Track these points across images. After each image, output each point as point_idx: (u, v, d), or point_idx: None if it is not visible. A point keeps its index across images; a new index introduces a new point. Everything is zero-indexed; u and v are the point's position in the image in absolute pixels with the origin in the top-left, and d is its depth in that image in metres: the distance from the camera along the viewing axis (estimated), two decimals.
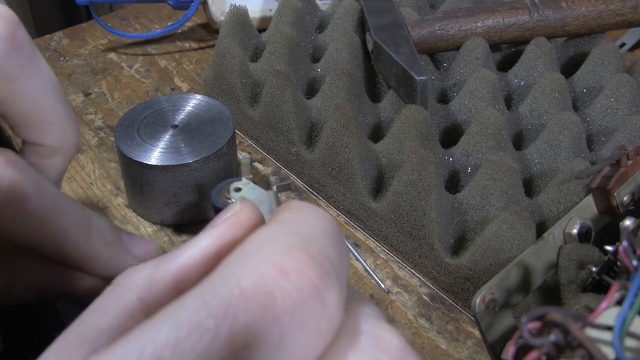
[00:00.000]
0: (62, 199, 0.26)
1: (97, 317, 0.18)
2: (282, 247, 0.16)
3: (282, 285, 0.15)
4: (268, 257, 0.16)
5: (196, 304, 0.15)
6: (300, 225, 0.18)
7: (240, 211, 0.20)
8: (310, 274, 0.15)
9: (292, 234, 0.17)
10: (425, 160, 0.36)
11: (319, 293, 0.15)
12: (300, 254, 0.16)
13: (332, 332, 0.16)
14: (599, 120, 0.46)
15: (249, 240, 0.17)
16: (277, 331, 0.15)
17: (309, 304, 0.15)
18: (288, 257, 0.15)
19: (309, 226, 0.18)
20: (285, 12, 0.51)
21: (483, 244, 0.34)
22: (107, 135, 0.48)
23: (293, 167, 0.45)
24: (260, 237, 0.17)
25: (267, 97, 0.44)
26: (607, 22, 0.50)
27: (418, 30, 0.48)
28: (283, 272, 0.15)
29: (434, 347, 0.35)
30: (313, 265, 0.16)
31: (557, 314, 0.21)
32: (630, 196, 0.35)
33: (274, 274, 0.15)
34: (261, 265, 0.15)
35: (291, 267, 0.15)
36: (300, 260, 0.16)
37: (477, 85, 0.45)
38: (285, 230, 0.17)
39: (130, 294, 0.18)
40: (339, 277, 0.17)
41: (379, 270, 0.39)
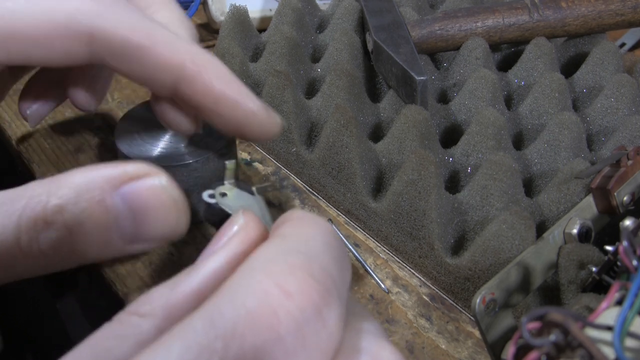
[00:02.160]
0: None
1: (113, 344, 0.18)
2: (284, 267, 0.16)
3: (286, 305, 0.15)
4: (272, 277, 0.16)
5: (204, 325, 0.15)
6: (301, 241, 0.18)
7: (247, 225, 0.20)
8: (313, 294, 0.16)
9: (294, 252, 0.17)
10: (425, 160, 0.36)
11: (320, 312, 0.16)
12: (303, 274, 0.16)
13: (333, 349, 0.17)
14: (599, 120, 0.46)
15: (252, 258, 0.17)
16: (281, 351, 0.15)
17: (311, 324, 0.16)
18: (291, 278, 0.16)
19: (311, 241, 0.18)
20: (285, 12, 0.51)
21: (483, 244, 0.34)
22: (107, 135, 0.48)
23: (293, 167, 0.45)
24: (264, 256, 0.17)
25: (267, 97, 0.44)
26: (607, 22, 0.50)
27: (418, 30, 0.48)
28: (286, 293, 0.16)
29: (434, 347, 0.35)
30: (315, 285, 0.16)
31: (557, 314, 0.21)
32: (630, 196, 0.35)
33: (277, 295, 0.15)
34: (265, 286, 0.16)
35: (294, 288, 0.16)
36: (302, 280, 0.16)
37: (477, 85, 0.45)
38: (287, 249, 0.17)
39: (148, 324, 0.18)
40: (339, 294, 0.17)
41: (379, 270, 0.39)
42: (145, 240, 0.23)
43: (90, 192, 0.21)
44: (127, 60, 0.26)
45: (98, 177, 0.22)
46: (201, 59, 0.26)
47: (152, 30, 0.26)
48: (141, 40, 0.25)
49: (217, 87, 0.26)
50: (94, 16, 0.25)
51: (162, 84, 0.26)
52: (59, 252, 0.22)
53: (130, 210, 0.22)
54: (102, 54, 0.26)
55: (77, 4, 0.25)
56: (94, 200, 0.21)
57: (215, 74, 0.26)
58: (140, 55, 0.25)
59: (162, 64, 0.26)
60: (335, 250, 0.19)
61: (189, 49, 0.26)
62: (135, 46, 0.25)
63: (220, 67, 0.27)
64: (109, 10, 0.25)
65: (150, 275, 0.37)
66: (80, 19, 0.25)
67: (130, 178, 0.22)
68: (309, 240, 0.18)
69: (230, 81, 0.27)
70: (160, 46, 0.26)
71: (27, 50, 0.25)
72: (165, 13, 0.30)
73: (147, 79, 0.26)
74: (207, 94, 0.26)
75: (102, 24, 0.25)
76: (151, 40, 0.25)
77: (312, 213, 0.21)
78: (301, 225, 0.19)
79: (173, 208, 0.23)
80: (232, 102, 0.26)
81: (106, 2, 0.26)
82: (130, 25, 0.25)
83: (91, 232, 0.22)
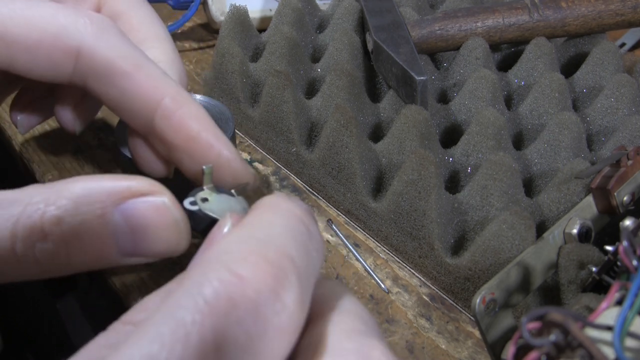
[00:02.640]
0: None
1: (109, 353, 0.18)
2: (237, 254, 0.17)
3: (240, 289, 0.16)
4: (225, 265, 0.17)
5: (165, 320, 0.16)
6: (259, 227, 0.19)
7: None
8: (266, 276, 0.17)
9: (249, 239, 0.18)
10: (425, 160, 0.36)
11: (277, 293, 0.17)
12: (255, 258, 0.17)
13: (297, 329, 0.17)
14: (599, 120, 0.46)
15: (208, 250, 0.18)
16: (243, 332, 0.16)
17: (269, 305, 0.16)
18: (243, 263, 0.17)
19: (269, 227, 0.19)
20: (285, 12, 0.51)
21: (483, 244, 0.34)
22: (106, 135, 0.48)
23: (293, 167, 0.45)
24: (219, 247, 0.18)
25: (267, 97, 0.44)
26: (607, 22, 0.50)
27: (418, 30, 0.48)
28: (239, 277, 0.16)
29: (434, 347, 0.35)
30: (268, 267, 0.17)
31: (557, 314, 0.21)
32: (630, 196, 0.35)
33: (231, 281, 0.16)
34: (219, 274, 0.16)
35: (246, 272, 0.16)
36: (255, 264, 0.17)
37: (477, 85, 0.45)
38: (243, 236, 0.18)
39: None
40: (300, 275, 0.18)
41: (379, 270, 0.39)
42: (142, 255, 0.23)
43: (90, 205, 0.21)
44: (109, 85, 0.26)
45: (100, 190, 0.22)
46: (181, 98, 0.26)
47: (138, 61, 0.26)
48: (125, 67, 0.25)
49: (193, 127, 0.26)
50: (85, 34, 0.25)
51: (139, 115, 0.26)
52: (55, 261, 0.22)
53: (129, 227, 0.22)
54: (85, 74, 0.26)
55: (71, 20, 0.25)
56: (94, 214, 0.21)
57: (194, 114, 0.26)
58: (122, 83, 0.25)
59: (142, 94, 0.25)
60: (299, 233, 0.19)
61: (171, 85, 0.26)
62: (119, 72, 0.25)
63: (199, 109, 0.27)
64: (100, 33, 0.26)
65: (150, 275, 0.37)
66: (71, 33, 0.25)
67: (133, 195, 0.22)
68: (268, 226, 0.19)
69: (207, 124, 0.26)
70: (143, 77, 0.25)
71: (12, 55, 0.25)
72: (157, 51, 0.30)
73: (125, 108, 0.26)
74: (181, 132, 0.26)
75: (91, 43, 0.25)
76: (135, 69, 0.25)
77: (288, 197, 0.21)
78: (264, 211, 0.20)
79: (174, 229, 0.23)
80: (206, 145, 0.26)
81: (100, 25, 0.26)
82: (118, 50, 0.25)
83: (88, 245, 0.22)
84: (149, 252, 0.23)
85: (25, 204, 0.21)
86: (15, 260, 0.21)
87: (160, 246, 0.23)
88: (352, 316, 0.20)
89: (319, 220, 0.42)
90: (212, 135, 0.26)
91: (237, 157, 0.27)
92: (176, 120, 0.26)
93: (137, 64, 0.26)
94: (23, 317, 0.63)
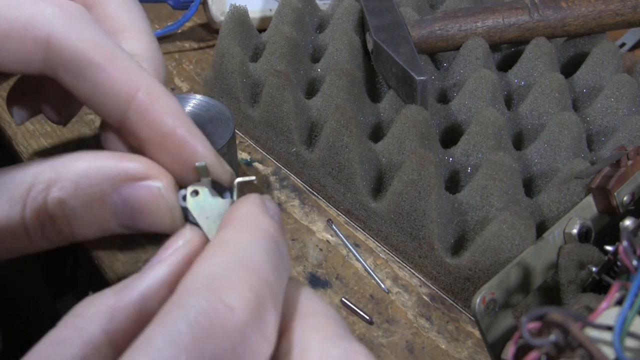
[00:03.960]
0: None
1: (58, 349, 0.18)
2: (227, 282, 0.18)
3: (232, 320, 0.17)
4: (217, 294, 0.18)
5: (165, 342, 0.16)
6: (242, 250, 0.20)
7: (192, 240, 0.22)
8: (252, 308, 0.18)
9: (234, 265, 0.19)
10: (425, 160, 0.36)
11: (259, 322, 0.18)
12: (243, 289, 0.18)
13: (271, 352, 0.19)
14: (599, 120, 0.46)
15: (198, 272, 0.19)
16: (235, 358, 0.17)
17: (254, 333, 0.18)
18: (233, 294, 0.18)
19: (250, 250, 0.20)
20: (285, 12, 0.51)
21: (483, 244, 0.34)
22: None
23: (293, 167, 0.45)
24: (208, 270, 0.19)
25: (267, 97, 0.44)
26: (607, 22, 0.50)
27: (418, 30, 0.48)
28: (230, 308, 0.17)
29: (434, 347, 0.35)
30: (254, 299, 0.18)
31: (557, 314, 0.21)
32: (630, 196, 0.35)
33: (224, 311, 0.17)
34: (213, 303, 0.17)
35: (237, 303, 0.18)
36: (243, 295, 0.18)
37: (477, 85, 0.45)
38: (229, 261, 0.19)
39: (93, 326, 0.19)
40: (275, 300, 0.19)
41: (379, 270, 0.39)
42: (141, 231, 0.24)
43: (90, 188, 0.22)
44: (80, 77, 0.25)
45: (99, 173, 0.23)
46: (156, 92, 0.25)
47: (111, 52, 0.25)
48: (97, 58, 0.24)
49: (167, 123, 0.25)
50: (55, 24, 0.24)
51: (111, 109, 0.25)
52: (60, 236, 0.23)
53: (128, 207, 0.23)
54: (56, 65, 0.25)
55: (39, 8, 0.24)
56: (93, 196, 0.22)
57: (168, 109, 0.25)
58: (93, 75, 0.24)
59: (114, 88, 0.24)
60: (273, 256, 0.20)
61: (146, 78, 0.25)
62: (90, 63, 0.24)
63: (174, 104, 0.25)
64: (71, 22, 0.25)
65: None
66: (40, 23, 0.24)
67: (130, 179, 0.23)
68: (248, 249, 0.20)
69: (182, 120, 0.25)
70: (116, 70, 0.24)
71: None
72: (134, 43, 0.29)
73: (98, 102, 0.25)
74: (155, 128, 0.25)
75: (61, 32, 0.24)
76: (107, 61, 0.24)
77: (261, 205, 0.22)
78: (242, 229, 0.21)
79: (168, 214, 0.24)
80: (181, 141, 0.25)
81: (70, 13, 0.25)
82: (90, 41, 0.24)
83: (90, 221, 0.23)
84: (146, 229, 0.24)
85: (30, 185, 0.22)
86: (26, 237, 0.23)
87: (156, 226, 0.24)
88: (328, 320, 0.20)
89: (318, 221, 0.42)
90: (187, 132, 0.25)
91: (212, 154, 0.26)
92: (150, 115, 0.25)
93: (109, 55, 0.24)
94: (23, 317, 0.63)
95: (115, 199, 0.23)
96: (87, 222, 0.23)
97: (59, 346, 0.18)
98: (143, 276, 0.21)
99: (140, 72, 0.25)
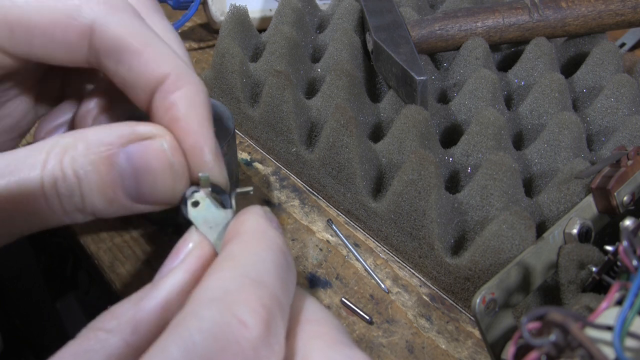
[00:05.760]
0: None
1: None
2: (240, 297, 0.18)
3: (245, 335, 0.18)
4: (230, 309, 0.18)
5: (181, 354, 0.17)
6: (252, 264, 0.20)
7: (202, 244, 0.23)
8: (263, 324, 0.18)
9: (245, 278, 0.19)
10: (425, 160, 0.36)
11: (268, 337, 0.18)
12: (255, 305, 0.18)
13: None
14: (599, 120, 0.46)
15: (211, 284, 0.19)
16: None
17: (264, 347, 0.18)
18: (246, 309, 0.18)
19: (260, 263, 0.20)
20: (285, 12, 0.51)
21: (483, 244, 0.34)
22: None
23: (293, 167, 0.45)
24: (221, 284, 0.19)
25: (267, 97, 0.44)
26: (607, 22, 0.50)
27: (418, 30, 0.48)
28: (243, 324, 0.18)
29: (434, 347, 0.35)
30: (265, 314, 0.18)
31: (557, 314, 0.21)
32: (630, 196, 0.35)
33: (237, 326, 0.18)
34: (226, 318, 0.18)
35: (249, 320, 0.18)
36: (255, 311, 0.18)
37: (477, 85, 0.45)
38: (240, 274, 0.19)
39: (115, 338, 0.19)
40: (283, 314, 0.19)
41: (379, 270, 0.39)
42: (147, 200, 0.24)
43: (100, 147, 0.23)
44: (118, 62, 0.26)
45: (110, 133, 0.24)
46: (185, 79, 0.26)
47: (148, 39, 0.26)
48: (135, 44, 0.26)
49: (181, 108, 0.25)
50: (97, 11, 0.26)
51: (142, 92, 0.26)
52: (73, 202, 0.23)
53: (133, 169, 0.23)
54: (98, 52, 0.26)
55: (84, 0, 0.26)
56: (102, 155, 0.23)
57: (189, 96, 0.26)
58: (130, 59, 0.26)
59: (146, 71, 0.26)
60: (282, 269, 0.20)
61: (178, 66, 0.26)
62: (129, 48, 0.26)
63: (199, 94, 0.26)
64: (112, 10, 0.26)
65: (150, 275, 0.37)
66: (84, 11, 0.26)
67: (138, 137, 0.24)
68: (258, 262, 0.20)
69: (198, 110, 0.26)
70: (151, 55, 0.26)
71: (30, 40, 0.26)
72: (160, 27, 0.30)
73: (130, 84, 0.26)
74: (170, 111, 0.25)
75: (103, 20, 0.26)
76: (144, 47, 0.26)
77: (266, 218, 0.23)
78: (251, 242, 0.21)
79: (168, 171, 0.24)
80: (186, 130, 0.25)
81: (113, 4, 0.26)
82: (129, 28, 0.26)
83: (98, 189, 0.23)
84: (150, 197, 0.24)
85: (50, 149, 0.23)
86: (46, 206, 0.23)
87: (159, 190, 0.24)
88: (329, 326, 0.21)
89: (318, 221, 0.42)
90: (196, 122, 0.25)
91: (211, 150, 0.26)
92: (170, 99, 0.26)
93: (146, 42, 0.26)
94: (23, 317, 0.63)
95: (122, 159, 0.23)
96: (96, 188, 0.23)
97: (81, 357, 0.18)
98: (160, 285, 0.21)
99: (173, 59, 0.26)
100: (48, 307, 0.67)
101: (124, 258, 0.38)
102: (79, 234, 0.40)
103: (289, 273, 0.21)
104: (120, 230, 0.40)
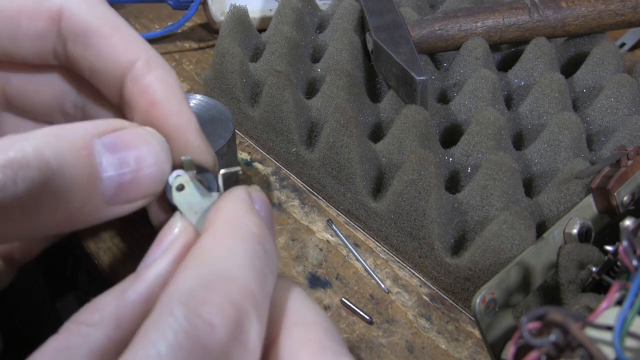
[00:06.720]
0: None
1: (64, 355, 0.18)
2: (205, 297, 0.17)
3: (212, 337, 0.17)
4: (195, 311, 0.17)
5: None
6: (221, 259, 0.19)
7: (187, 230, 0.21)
8: (232, 323, 0.17)
9: (214, 278, 0.18)
10: (425, 160, 0.36)
11: (239, 336, 0.17)
12: (222, 303, 0.17)
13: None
14: (599, 120, 0.46)
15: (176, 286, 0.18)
16: None
17: (235, 347, 0.17)
18: (212, 310, 0.17)
19: (230, 257, 0.19)
20: (285, 12, 0.51)
21: (483, 244, 0.34)
22: None
23: (293, 167, 0.45)
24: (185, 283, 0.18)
25: (267, 97, 0.44)
26: (607, 22, 0.50)
27: (418, 30, 0.48)
28: (210, 325, 0.17)
29: (434, 347, 0.35)
30: (233, 312, 0.17)
31: (557, 314, 0.21)
32: (630, 196, 0.35)
33: (203, 328, 0.17)
34: (192, 321, 0.17)
35: (216, 320, 0.17)
36: (222, 311, 0.17)
37: (477, 85, 0.45)
38: (207, 273, 0.18)
39: (98, 333, 0.19)
40: (258, 310, 0.18)
41: (379, 270, 0.39)
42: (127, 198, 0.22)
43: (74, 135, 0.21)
44: (86, 46, 0.25)
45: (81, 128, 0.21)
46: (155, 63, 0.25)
47: (116, 23, 0.25)
48: (104, 28, 0.25)
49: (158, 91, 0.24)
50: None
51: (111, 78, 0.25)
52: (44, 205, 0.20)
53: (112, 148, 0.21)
54: (66, 37, 0.25)
55: None
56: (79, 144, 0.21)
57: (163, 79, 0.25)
58: (99, 42, 0.25)
59: (115, 55, 0.25)
60: (258, 259, 0.19)
61: (146, 50, 0.26)
62: (97, 32, 0.25)
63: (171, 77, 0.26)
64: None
65: None
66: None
67: (114, 129, 0.22)
68: (227, 257, 0.19)
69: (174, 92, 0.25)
70: (120, 38, 0.25)
71: None
72: None
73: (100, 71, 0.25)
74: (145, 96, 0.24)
75: (73, 4, 0.25)
76: (112, 30, 0.25)
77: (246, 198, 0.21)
78: (221, 234, 0.20)
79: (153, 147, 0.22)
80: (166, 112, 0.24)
81: None
82: (98, 12, 0.25)
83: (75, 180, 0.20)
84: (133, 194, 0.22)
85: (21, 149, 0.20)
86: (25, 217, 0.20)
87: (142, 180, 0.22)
88: (318, 331, 0.20)
89: (318, 220, 0.42)
90: (176, 103, 0.25)
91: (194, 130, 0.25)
92: (144, 82, 0.25)
93: (114, 26, 0.25)
94: (23, 317, 0.63)
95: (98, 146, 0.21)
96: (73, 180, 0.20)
97: (64, 354, 0.18)
98: (143, 275, 0.20)
99: (142, 44, 0.26)
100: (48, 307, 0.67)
101: (124, 258, 0.38)
102: (79, 234, 0.40)
103: (268, 261, 0.20)
104: (120, 230, 0.40)
